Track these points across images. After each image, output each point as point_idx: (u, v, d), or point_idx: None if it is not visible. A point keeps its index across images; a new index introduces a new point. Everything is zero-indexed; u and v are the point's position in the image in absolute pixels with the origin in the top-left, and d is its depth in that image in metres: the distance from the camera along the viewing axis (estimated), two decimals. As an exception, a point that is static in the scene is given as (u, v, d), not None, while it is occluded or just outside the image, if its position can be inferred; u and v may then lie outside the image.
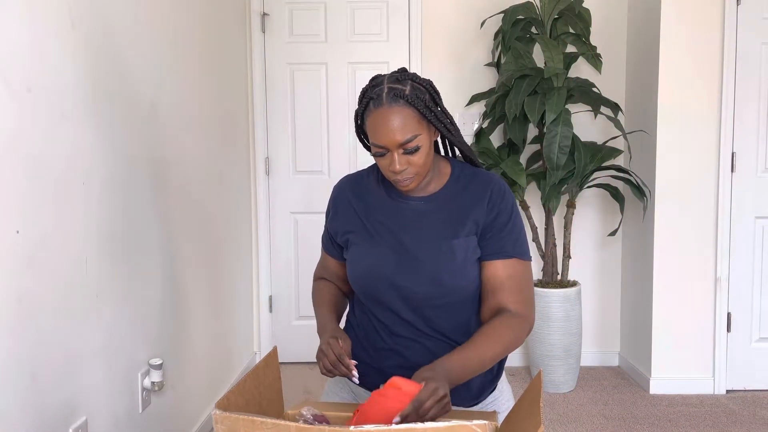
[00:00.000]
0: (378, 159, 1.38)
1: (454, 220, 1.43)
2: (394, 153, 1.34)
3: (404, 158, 1.35)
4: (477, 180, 1.48)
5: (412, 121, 1.33)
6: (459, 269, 1.40)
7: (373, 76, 1.41)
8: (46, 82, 1.59)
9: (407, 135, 1.32)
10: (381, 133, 1.32)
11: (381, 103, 1.33)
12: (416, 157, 1.35)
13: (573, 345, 3.31)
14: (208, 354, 2.82)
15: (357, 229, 1.49)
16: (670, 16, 3.16)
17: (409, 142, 1.33)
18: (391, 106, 1.32)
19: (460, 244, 1.41)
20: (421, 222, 1.44)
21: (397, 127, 1.31)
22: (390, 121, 1.32)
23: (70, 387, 1.68)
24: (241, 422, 1.06)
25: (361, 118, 1.40)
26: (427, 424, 1.01)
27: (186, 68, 2.58)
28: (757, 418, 2.97)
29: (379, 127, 1.33)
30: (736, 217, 3.22)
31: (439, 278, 1.40)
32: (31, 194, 1.52)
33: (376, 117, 1.33)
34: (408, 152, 1.34)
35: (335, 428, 1.03)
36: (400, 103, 1.32)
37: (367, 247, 1.47)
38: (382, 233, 1.46)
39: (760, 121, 3.20)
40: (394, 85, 1.34)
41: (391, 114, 1.32)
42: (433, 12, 3.61)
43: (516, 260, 1.43)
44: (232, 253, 3.27)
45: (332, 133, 3.68)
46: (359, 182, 1.55)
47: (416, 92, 1.34)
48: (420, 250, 1.42)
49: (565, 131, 3.06)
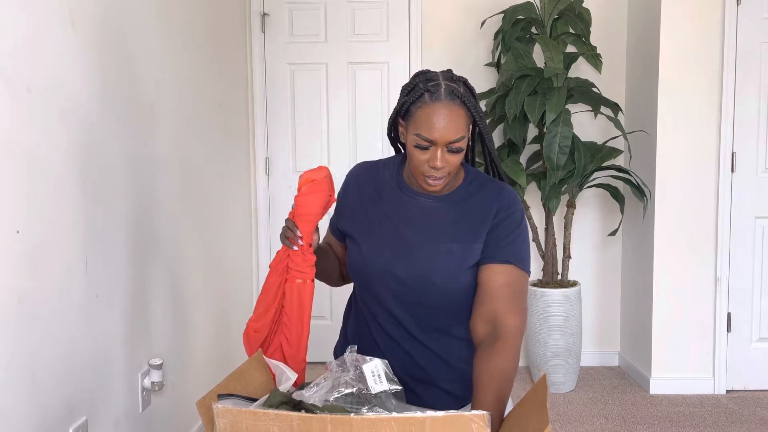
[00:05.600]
0: (416, 152, 1.36)
1: (459, 223, 1.43)
2: (439, 149, 1.34)
3: (446, 156, 1.35)
4: (489, 187, 1.47)
5: (464, 122, 1.35)
6: (452, 272, 1.40)
7: (421, 71, 1.42)
8: (46, 82, 1.59)
9: (458, 134, 1.34)
10: (435, 127, 1.32)
11: (439, 97, 1.33)
12: (456, 158, 1.36)
13: (573, 345, 3.31)
14: (208, 354, 2.82)
15: (359, 217, 1.50)
16: (670, 16, 3.16)
17: (457, 141, 1.34)
18: (449, 102, 1.33)
19: (459, 247, 1.41)
20: (425, 220, 1.45)
21: (451, 124, 1.33)
22: (446, 116, 1.32)
23: (70, 387, 1.68)
24: (243, 415, 1.06)
25: (407, 109, 1.38)
26: (428, 412, 1.01)
27: (186, 68, 2.58)
28: (757, 418, 2.97)
29: (434, 121, 1.32)
30: (736, 217, 3.22)
31: (431, 277, 1.40)
32: (31, 194, 1.52)
33: (433, 110, 1.33)
34: (451, 151, 1.35)
35: (337, 416, 1.03)
36: (456, 102, 1.34)
37: (366, 237, 1.48)
38: (383, 225, 1.47)
39: (760, 121, 3.20)
40: (450, 84, 1.36)
41: (448, 110, 1.33)
42: (433, 12, 3.61)
43: (514, 267, 1.42)
44: (233, 253, 3.27)
45: (332, 133, 3.68)
46: (374, 171, 1.56)
47: (470, 95, 1.37)
48: (418, 246, 1.42)
49: (565, 131, 3.06)
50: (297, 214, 1.43)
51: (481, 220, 1.43)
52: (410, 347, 1.45)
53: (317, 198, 1.43)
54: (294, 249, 1.42)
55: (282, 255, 1.45)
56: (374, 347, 1.49)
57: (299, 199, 1.43)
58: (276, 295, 1.44)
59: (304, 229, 1.42)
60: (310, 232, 1.43)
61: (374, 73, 3.61)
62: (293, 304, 1.43)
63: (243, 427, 1.06)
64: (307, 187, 1.44)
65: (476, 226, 1.42)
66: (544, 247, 3.41)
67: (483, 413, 1.00)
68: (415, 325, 1.45)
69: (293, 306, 1.43)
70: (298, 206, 1.43)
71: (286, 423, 1.04)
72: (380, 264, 1.44)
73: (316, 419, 1.03)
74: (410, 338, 1.45)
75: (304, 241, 1.42)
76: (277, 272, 1.44)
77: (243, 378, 1.30)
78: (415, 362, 1.45)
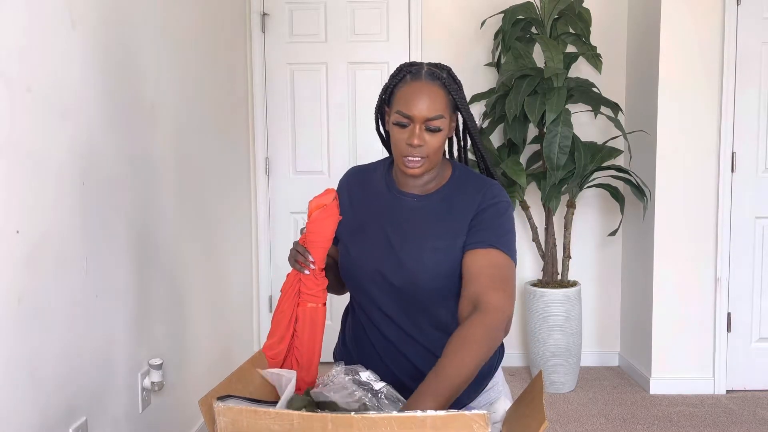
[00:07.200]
0: (397, 130, 1.40)
1: (444, 219, 1.44)
2: (417, 126, 1.37)
3: (424, 134, 1.38)
4: (474, 182, 1.48)
5: (443, 102, 1.39)
6: (440, 269, 1.40)
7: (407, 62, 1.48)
8: (46, 82, 1.59)
9: (436, 112, 1.37)
10: (412, 103, 1.37)
11: (419, 77, 1.39)
12: (434, 139, 1.38)
13: (573, 345, 3.31)
14: (208, 354, 2.82)
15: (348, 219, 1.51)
16: (670, 16, 3.16)
17: (435, 120, 1.37)
18: (429, 82, 1.38)
19: (444, 244, 1.41)
20: (412, 219, 1.45)
21: (429, 101, 1.37)
22: (424, 94, 1.37)
23: (70, 387, 1.68)
24: (243, 413, 1.06)
25: (391, 91, 1.43)
26: (428, 412, 1.01)
27: (186, 68, 2.58)
28: (757, 418, 2.97)
29: (412, 97, 1.37)
30: (736, 217, 3.22)
31: (419, 275, 1.40)
32: (30, 194, 1.52)
33: (411, 88, 1.38)
34: (429, 130, 1.38)
35: (338, 414, 1.03)
36: (437, 83, 1.39)
37: (355, 239, 1.49)
38: (372, 226, 1.48)
39: (760, 121, 3.20)
40: (433, 68, 1.42)
41: (426, 88, 1.38)
42: (433, 12, 3.61)
43: (499, 252, 1.38)
44: (232, 253, 3.27)
45: (332, 133, 3.68)
46: (364, 173, 1.58)
47: (452, 81, 1.42)
48: (404, 245, 1.43)
49: (565, 131, 3.06)
50: (309, 240, 1.43)
51: (464, 215, 1.42)
52: (407, 348, 1.45)
53: (329, 223, 1.44)
54: (306, 273, 1.42)
55: (293, 279, 1.45)
56: (372, 351, 1.49)
57: (311, 225, 1.43)
58: (290, 323, 1.44)
59: (316, 255, 1.42)
60: (323, 257, 1.43)
61: (374, 73, 3.61)
62: (305, 327, 1.43)
63: (243, 425, 1.06)
64: (319, 212, 1.44)
65: (460, 221, 1.42)
66: (544, 247, 3.41)
67: (483, 413, 1.00)
68: (411, 324, 1.45)
69: (305, 330, 1.43)
70: (310, 233, 1.43)
71: (287, 421, 1.04)
72: (369, 265, 1.44)
73: (317, 418, 1.03)
74: (407, 338, 1.45)
75: (317, 266, 1.42)
76: (289, 297, 1.44)
77: (243, 378, 1.30)
78: (412, 363, 1.45)
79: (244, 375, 1.30)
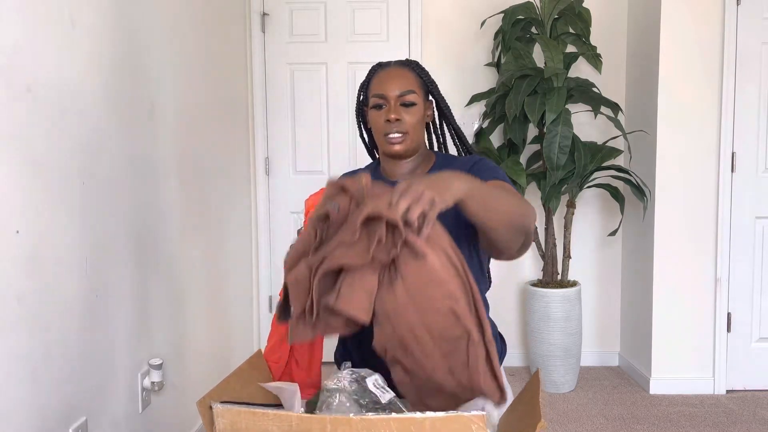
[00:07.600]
0: (375, 114, 1.49)
1: None
2: (392, 102, 1.47)
3: (400, 109, 1.47)
4: (460, 161, 1.52)
5: (413, 81, 1.50)
6: None
7: None
8: (46, 82, 1.59)
9: (407, 87, 1.48)
10: (384, 84, 1.48)
11: (389, 65, 1.53)
12: (410, 115, 1.47)
13: (573, 345, 3.31)
14: (208, 354, 2.82)
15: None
16: (670, 16, 3.16)
17: (407, 94, 1.47)
18: (398, 67, 1.52)
19: None
20: None
21: (400, 79, 1.48)
22: (394, 75, 1.49)
23: (70, 387, 1.68)
24: (242, 415, 1.06)
25: (366, 87, 1.54)
26: (427, 412, 1.01)
27: (186, 68, 2.58)
28: (757, 418, 2.97)
29: (384, 79, 1.49)
30: (736, 217, 3.22)
31: None
32: (31, 194, 1.52)
33: (382, 73, 1.51)
34: (404, 105, 1.47)
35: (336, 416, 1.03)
36: (406, 67, 1.52)
37: None
38: None
39: (760, 121, 3.20)
40: (402, 60, 1.57)
41: (396, 70, 1.51)
42: (433, 12, 3.61)
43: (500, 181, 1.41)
44: (232, 253, 3.27)
45: (332, 133, 3.68)
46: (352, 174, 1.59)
47: (420, 67, 1.55)
48: None
49: (565, 131, 3.06)
50: None
51: None
52: None
53: None
54: None
55: None
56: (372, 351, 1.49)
57: None
58: None
59: None
60: None
61: (374, 73, 3.61)
62: None
63: (242, 426, 1.06)
64: None
65: None
66: (544, 247, 3.41)
67: (482, 413, 1.00)
68: None
69: None
70: None
71: (285, 423, 1.04)
72: None
73: (316, 419, 1.03)
74: None
75: None
76: None
77: (243, 378, 1.30)
78: None
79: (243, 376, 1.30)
